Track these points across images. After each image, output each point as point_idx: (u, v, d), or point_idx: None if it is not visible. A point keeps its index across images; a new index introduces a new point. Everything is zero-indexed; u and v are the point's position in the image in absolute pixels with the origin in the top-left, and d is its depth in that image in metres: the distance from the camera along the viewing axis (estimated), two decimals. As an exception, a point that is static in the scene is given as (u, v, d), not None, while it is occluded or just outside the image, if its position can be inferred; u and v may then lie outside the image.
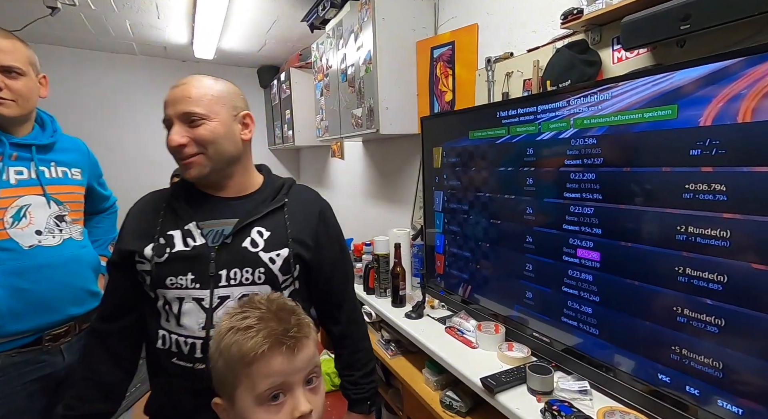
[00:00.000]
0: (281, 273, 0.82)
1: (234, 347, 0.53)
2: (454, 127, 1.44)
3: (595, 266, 0.97)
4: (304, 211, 0.88)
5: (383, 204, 2.52)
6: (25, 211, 1.10)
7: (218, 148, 0.81)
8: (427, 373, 1.28)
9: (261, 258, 0.81)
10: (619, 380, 0.92)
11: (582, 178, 0.98)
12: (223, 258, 0.79)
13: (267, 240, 0.82)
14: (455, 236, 1.46)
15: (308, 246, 0.86)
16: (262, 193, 0.88)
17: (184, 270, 0.79)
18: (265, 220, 0.84)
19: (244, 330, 0.54)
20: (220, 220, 0.83)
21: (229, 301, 0.79)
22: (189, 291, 0.78)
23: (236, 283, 0.79)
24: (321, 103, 2.67)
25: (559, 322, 1.08)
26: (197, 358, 0.78)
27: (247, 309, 0.58)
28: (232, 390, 0.54)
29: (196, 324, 0.78)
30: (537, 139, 1.09)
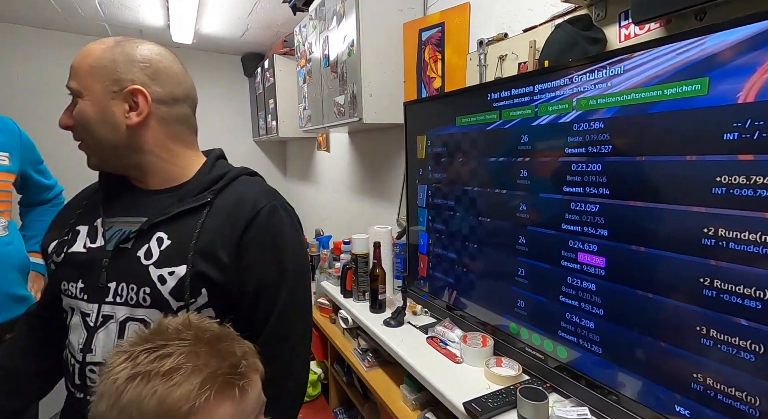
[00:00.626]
0: (173, 298, 0.62)
1: (151, 400, 0.37)
2: (439, 113, 1.28)
3: (600, 273, 0.82)
4: (232, 214, 0.65)
5: (369, 199, 2.36)
6: None
7: (91, 133, 0.64)
8: (405, 390, 1.14)
9: (149, 274, 0.62)
10: (625, 407, 0.78)
11: (586, 170, 0.83)
12: (115, 268, 0.64)
13: (164, 252, 0.63)
14: (440, 235, 1.31)
15: (221, 264, 0.63)
16: (186, 186, 0.68)
17: (75, 276, 0.65)
18: (171, 224, 0.64)
19: (166, 376, 0.38)
20: (130, 218, 0.67)
21: (111, 322, 0.63)
22: (77, 302, 0.65)
23: (121, 301, 0.63)
24: (304, 90, 2.51)
25: (556, 336, 0.93)
26: (77, 386, 0.65)
27: (162, 343, 0.41)
28: None
29: (77, 344, 0.64)
30: (533, 124, 0.94)
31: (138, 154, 0.66)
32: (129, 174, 0.69)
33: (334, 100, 2.02)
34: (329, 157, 2.97)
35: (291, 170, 4.10)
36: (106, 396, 0.39)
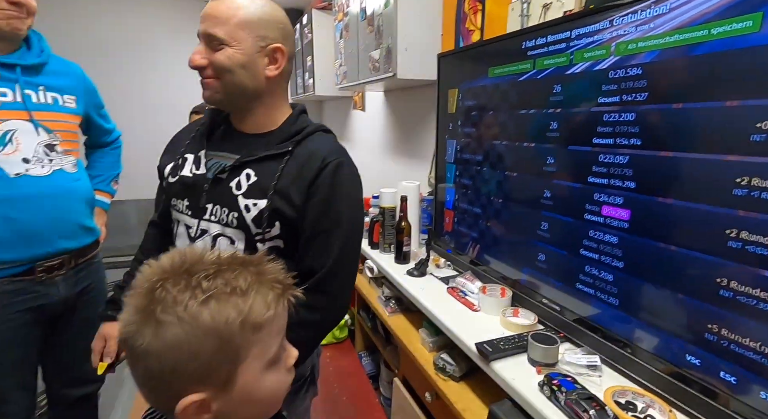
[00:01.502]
0: (254, 225, 0.75)
1: (235, 315, 0.41)
2: (472, 64, 1.25)
3: (623, 226, 0.81)
4: (306, 164, 0.75)
5: (402, 159, 2.38)
6: (11, 137, 1.05)
7: (234, 78, 0.74)
8: (424, 334, 1.20)
9: (238, 202, 0.76)
10: (637, 357, 0.79)
11: (618, 120, 0.80)
12: (213, 193, 0.79)
13: (250, 186, 0.76)
14: (467, 190, 1.32)
15: (293, 203, 0.73)
16: (275, 134, 0.80)
17: (183, 195, 0.82)
18: (258, 164, 0.77)
19: (244, 293, 0.42)
20: (226, 154, 0.81)
21: (206, 236, 0.79)
22: (183, 216, 0.82)
23: (215, 220, 0.79)
24: (340, 46, 2.49)
25: (573, 289, 0.94)
26: None
27: (214, 270, 0.43)
28: (231, 370, 0.42)
29: None
30: (567, 72, 0.90)
31: (257, 100, 0.78)
32: (237, 114, 0.81)
33: (370, 55, 2.00)
34: (364, 116, 2.97)
35: (327, 130, 4.15)
36: (184, 321, 0.40)
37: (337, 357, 1.70)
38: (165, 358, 0.40)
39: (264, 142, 0.78)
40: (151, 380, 0.42)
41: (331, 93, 3.06)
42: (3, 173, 1.03)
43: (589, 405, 0.70)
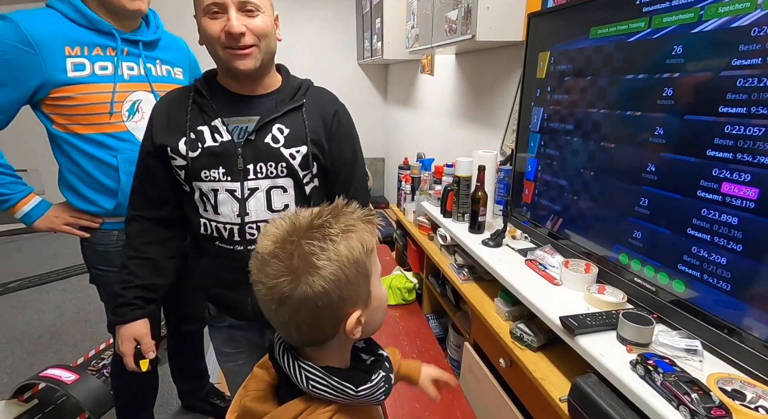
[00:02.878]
0: (301, 169, 0.89)
1: (356, 247, 0.52)
2: (569, 24, 1.15)
3: (748, 206, 0.73)
4: (320, 112, 0.92)
5: (471, 125, 2.30)
6: (138, 106, 1.18)
7: (269, 42, 0.84)
8: (500, 303, 1.21)
9: (282, 153, 0.87)
10: (748, 346, 0.74)
11: (755, 85, 0.70)
12: (249, 153, 0.86)
13: (287, 137, 0.88)
14: (552, 161, 1.26)
15: (322, 146, 0.91)
16: (281, 92, 0.91)
17: (216, 164, 0.86)
18: (284, 118, 0.88)
19: (355, 230, 0.54)
20: (244, 117, 0.87)
21: (258, 192, 0.88)
22: (222, 183, 0.86)
23: (263, 176, 0.87)
24: (413, 6, 2.39)
25: (674, 270, 0.89)
26: (236, 241, 0.90)
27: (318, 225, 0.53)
28: (368, 286, 0.55)
29: (232, 212, 0.88)
30: (694, 30, 0.80)
31: (272, 63, 0.90)
32: (254, 80, 0.88)
33: (446, 16, 1.91)
34: (433, 80, 2.88)
35: (391, 94, 4.09)
36: (331, 262, 0.50)
37: (406, 317, 1.78)
38: (332, 292, 0.50)
39: (274, 100, 0.89)
40: (318, 317, 0.51)
41: (400, 57, 2.99)
42: (134, 138, 1.17)
43: (690, 388, 0.67)
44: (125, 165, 1.15)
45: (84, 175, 1.16)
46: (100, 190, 1.17)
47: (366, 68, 4.11)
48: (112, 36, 1.13)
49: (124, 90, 1.15)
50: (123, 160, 1.15)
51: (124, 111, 1.16)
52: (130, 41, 1.17)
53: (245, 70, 0.82)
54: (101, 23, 1.10)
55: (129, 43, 1.17)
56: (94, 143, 1.13)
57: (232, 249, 0.91)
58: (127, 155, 1.15)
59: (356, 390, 0.53)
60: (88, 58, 1.10)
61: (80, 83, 1.08)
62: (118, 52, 1.14)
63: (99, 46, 1.11)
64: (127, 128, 1.17)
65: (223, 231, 0.90)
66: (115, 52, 1.14)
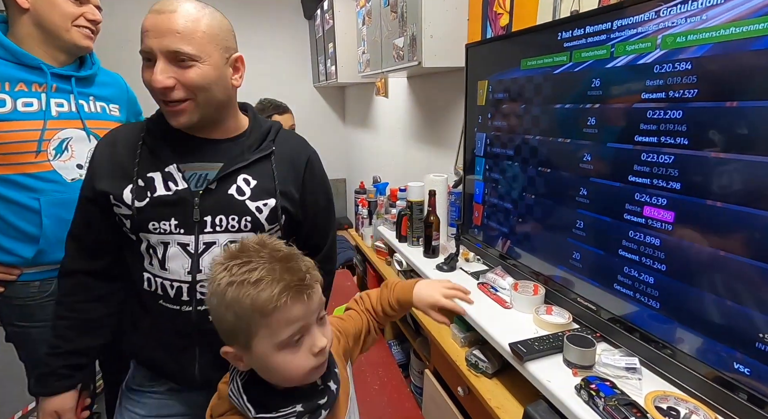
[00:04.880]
0: (267, 223, 0.81)
1: (246, 300, 0.52)
2: (503, 55, 1.20)
3: (667, 228, 0.78)
4: (291, 160, 0.85)
5: (426, 147, 2.35)
6: (67, 144, 1.11)
7: (209, 95, 0.73)
8: (455, 329, 1.21)
9: (248, 206, 0.79)
10: (678, 361, 0.78)
11: (663, 117, 0.76)
12: (208, 204, 0.77)
13: (254, 189, 0.80)
14: (497, 185, 1.29)
15: (293, 200, 0.84)
16: (248, 137, 0.83)
17: (167, 215, 0.76)
18: (251, 168, 0.80)
19: (254, 284, 0.52)
20: (204, 163, 0.79)
21: (215, 247, 0.78)
22: (173, 236, 0.77)
23: (222, 230, 0.78)
24: (363, 33, 2.44)
25: (611, 289, 0.92)
26: (184, 301, 0.79)
27: (248, 259, 0.55)
28: (248, 339, 0.54)
29: (182, 268, 0.78)
30: (607, 66, 0.86)
31: (226, 109, 0.80)
32: (207, 127, 0.79)
33: (393, 43, 1.96)
34: (388, 102, 2.93)
35: (349, 116, 4.13)
36: (215, 295, 0.55)
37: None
38: (212, 317, 0.57)
39: (240, 146, 0.81)
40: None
41: (353, 80, 3.03)
42: (61, 178, 1.09)
43: (629, 411, 0.70)
44: (49, 208, 1.07)
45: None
46: (17, 237, 1.07)
47: (323, 91, 4.13)
48: (41, 71, 1.06)
49: (52, 128, 1.09)
50: (47, 203, 1.07)
51: (50, 149, 1.08)
52: (61, 76, 1.11)
53: (178, 126, 0.74)
54: (27, 57, 1.04)
55: (59, 79, 1.11)
56: (10, 184, 1.05)
57: (178, 309, 0.79)
58: (52, 197, 1.08)
59: (253, 415, 0.55)
60: (10, 93, 1.03)
61: None
62: (48, 87, 1.08)
63: (23, 82, 1.05)
64: (53, 168, 1.09)
65: (170, 289, 0.79)
66: (42, 88, 1.07)
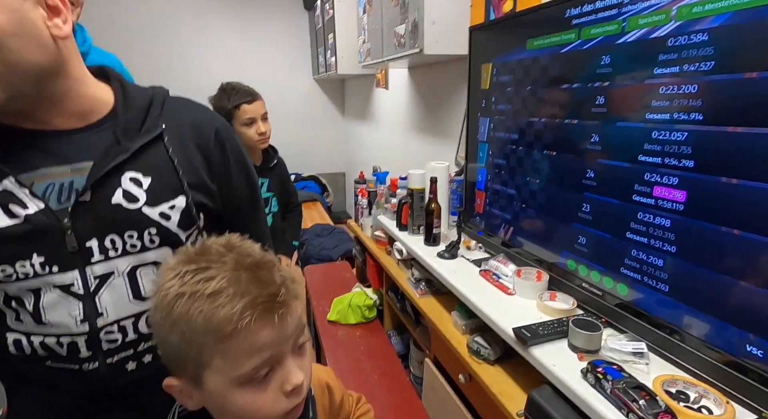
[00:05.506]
0: (182, 230, 0.61)
1: (198, 317, 0.40)
2: (508, 37, 1.18)
3: (678, 208, 0.76)
4: (193, 138, 0.63)
5: (427, 138, 2.32)
6: None
7: (10, 56, 0.46)
8: (456, 316, 1.19)
9: (147, 215, 0.58)
10: (687, 345, 0.75)
11: (676, 92, 0.73)
12: (87, 224, 0.55)
13: (150, 190, 0.58)
14: (500, 170, 1.27)
15: (210, 191, 0.65)
16: (119, 117, 0.59)
17: (23, 253, 0.53)
18: (137, 161, 0.58)
19: (210, 297, 0.40)
20: (58, 168, 0.54)
21: (114, 279, 0.58)
22: (44, 278, 0.55)
23: (118, 254, 0.58)
24: (363, 22, 2.41)
25: (617, 274, 0.90)
26: (83, 358, 0.58)
27: (206, 265, 0.42)
28: (197, 370, 0.42)
29: (70, 317, 0.57)
30: (618, 41, 0.83)
31: (59, 79, 0.53)
32: (35, 111, 0.54)
33: (395, 31, 1.93)
34: (388, 94, 2.90)
35: (349, 109, 4.09)
36: (159, 308, 0.42)
37: (367, 336, 1.72)
38: (154, 336, 0.45)
39: (110, 131, 0.58)
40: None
41: (354, 71, 3.00)
42: None
43: (637, 394, 0.67)
44: None
45: None
46: None
47: (322, 83, 4.10)
48: None
49: None
50: None
51: None
52: None
53: None
54: None
55: None
56: None
57: (77, 369, 0.58)
58: None
59: None
60: None
61: None
62: None
63: None
64: None
65: (58, 347, 0.57)
66: None
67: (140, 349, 0.62)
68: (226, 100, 1.49)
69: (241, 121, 1.53)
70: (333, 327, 1.79)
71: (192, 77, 3.60)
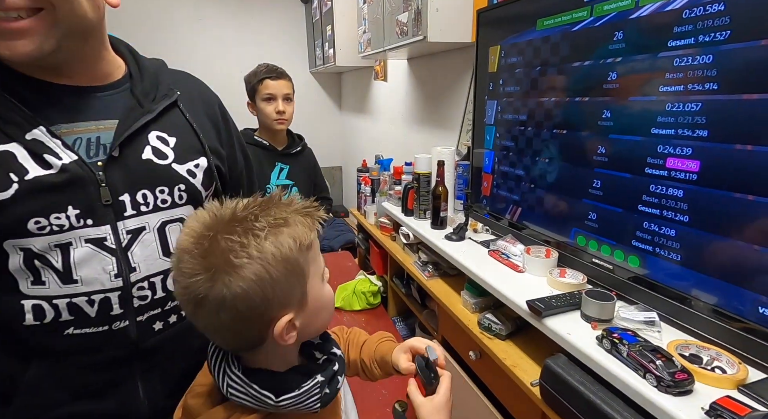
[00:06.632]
0: (204, 189, 0.66)
1: (286, 243, 0.46)
2: (517, 18, 1.19)
3: (691, 178, 0.77)
4: (203, 107, 0.71)
5: (427, 128, 2.33)
6: None
7: (74, 7, 0.50)
8: (466, 295, 1.20)
9: (177, 171, 0.62)
10: (700, 312, 0.77)
11: (690, 64, 0.75)
12: (119, 178, 0.57)
13: (176, 149, 0.63)
14: (508, 152, 1.28)
15: (222, 157, 0.72)
16: (138, 81, 0.63)
17: (60, 204, 0.53)
18: (160, 122, 0.63)
19: (287, 224, 0.47)
20: (83, 124, 0.56)
21: (145, 234, 0.59)
22: (76, 232, 0.54)
23: (150, 209, 0.60)
24: (364, 11, 2.41)
25: (629, 247, 0.92)
26: (114, 316, 0.58)
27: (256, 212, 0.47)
28: (302, 288, 0.49)
29: (104, 273, 0.56)
30: (632, 16, 0.85)
31: (100, 39, 0.59)
32: (70, 66, 0.56)
33: (397, 19, 1.93)
34: (386, 86, 2.90)
35: (346, 102, 4.08)
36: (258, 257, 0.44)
37: (372, 322, 1.73)
38: (253, 293, 0.44)
39: (129, 93, 0.61)
40: (240, 321, 0.45)
41: (352, 63, 2.99)
42: None
43: (654, 356, 0.69)
44: None
45: None
46: None
47: (319, 77, 4.08)
48: None
49: None
50: None
51: None
52: None
53: (22, 57, 0.49)
54: None
55: None
56: None
57: (106, 330, 0.57)
58: None
59: (276, 400, 0.46)
60: None
61: None
62: None
63: None
64: None
65: (88, 306, 0.56)
66: None
67: (167, 308, 0.63)
68: (254, 75, 1.57)
69: (261, 96, 1.54)
70: (338, 313, 1.79)
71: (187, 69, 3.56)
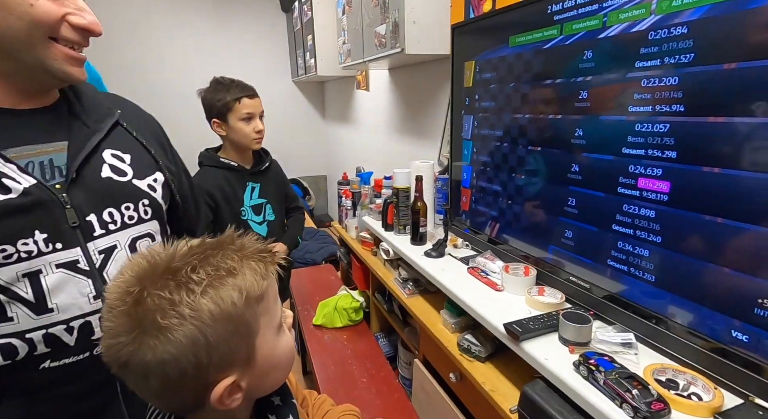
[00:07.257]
0: (164, 203, 0.68)
1: (228, 297, 0.40)
2: (490, 34, 1.18)
3: (662, 199, 0.77)
4: (147, 128, 0.71)
5: (410, 139, 2.32)
6: None
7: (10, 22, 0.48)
8: (446, 315, 1.18)
9: (138, 187, 0.63)
10: (675, 334, 0.76)
11: (657, 85, 0.75)
12: (82, 200, 0.57)
13: (132, 165, 0.63)
14: (485, 167, 1.27)
15: (173, 174, 0.72)
16: (71, 102, 0.60)
17: (26, 229, 0.51)
18: (111, 140, 0.63)
19: (233, 273, 0.41)
20: (33, 146, 0.54)
21: (117, 252, 0.59)
22: (46, 257, 0.53)
23: (118, 227, 0.60)
24: (343, 22, 2.40)
25: (604, 266, 0.91)
26: (96, 340, 0.56)
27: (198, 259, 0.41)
28: (250, 343, 0.43)
29: (81, 297, 0.56)
30: (600, 36, 0.85)
31: (34, 51, 0.51)
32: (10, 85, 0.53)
33: (375, 31, 1.92)
34: (369, 96, 2.89)
35: (329, 112, 4.06)
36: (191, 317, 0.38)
37: (354, 339, 1.70)
38: (184, 358, 0.38)
39: (82, 113, 0.60)
40: (171, 387, 0.40)
41: (334, 73, 2.98)
42: None
43: (630, 384, 0.67)
44: None
45: None
46: None
47: (301, 86, 4.05)
48: None
49: None
50: None
51: None
52: None
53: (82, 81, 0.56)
54: None
55: None
56: None
57: (87, 356, 0.57)
58: None
59: None
60: None
61: None
62: None
63: None
64: None
65: (67, 335, 0.54)
66: None
67: None
68: (225, 92, 1.36)
69: (239, 115, 1.35)
70: (319, 331, 1.76)
71: (168, 80, 3.50)
